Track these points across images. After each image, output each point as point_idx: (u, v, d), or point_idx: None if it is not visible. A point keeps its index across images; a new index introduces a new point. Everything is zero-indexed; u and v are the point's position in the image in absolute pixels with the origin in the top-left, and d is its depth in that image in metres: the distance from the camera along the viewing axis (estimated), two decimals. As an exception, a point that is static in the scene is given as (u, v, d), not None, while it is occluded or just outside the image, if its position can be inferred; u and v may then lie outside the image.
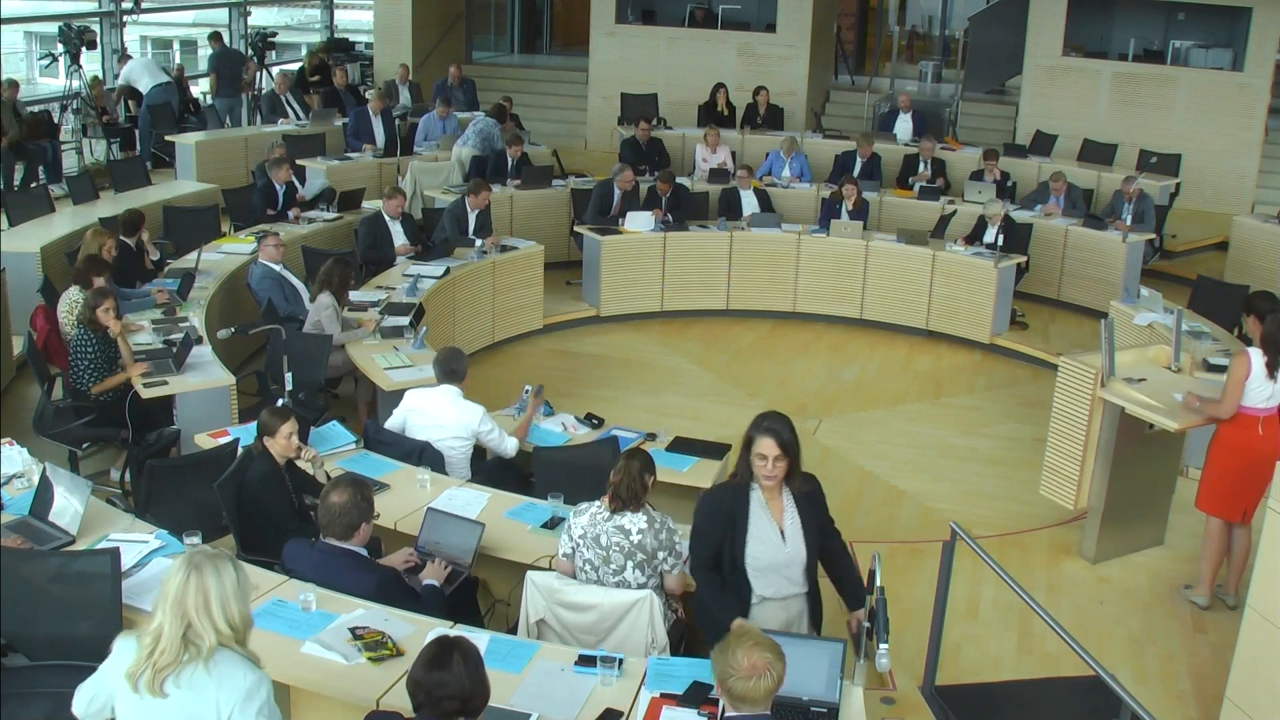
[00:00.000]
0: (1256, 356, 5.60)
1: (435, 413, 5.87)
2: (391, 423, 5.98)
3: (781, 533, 4.02)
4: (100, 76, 13.42)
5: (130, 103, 13.49)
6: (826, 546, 4.17)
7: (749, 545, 4.01)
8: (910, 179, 11.86)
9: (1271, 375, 5.57)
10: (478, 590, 4.94)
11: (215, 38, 14.47)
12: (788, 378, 9.13)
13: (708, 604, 4.14)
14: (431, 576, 4.55)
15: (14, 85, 11.77)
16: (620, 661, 3.92)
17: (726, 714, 3.23)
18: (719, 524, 4.04)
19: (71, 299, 7.11)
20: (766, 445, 3.91)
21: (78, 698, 3.09)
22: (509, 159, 11.20)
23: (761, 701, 3.14)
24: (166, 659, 2.86)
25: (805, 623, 4.16)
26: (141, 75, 13.52)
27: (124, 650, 2.98)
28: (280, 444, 5.07)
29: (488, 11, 19.05)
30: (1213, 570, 5.88)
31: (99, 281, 6.90)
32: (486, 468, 5.95)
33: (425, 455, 5.71)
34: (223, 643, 2.91)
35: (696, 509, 4.16)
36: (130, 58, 14.15)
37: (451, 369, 5.97)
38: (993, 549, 5.46)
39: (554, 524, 5.05)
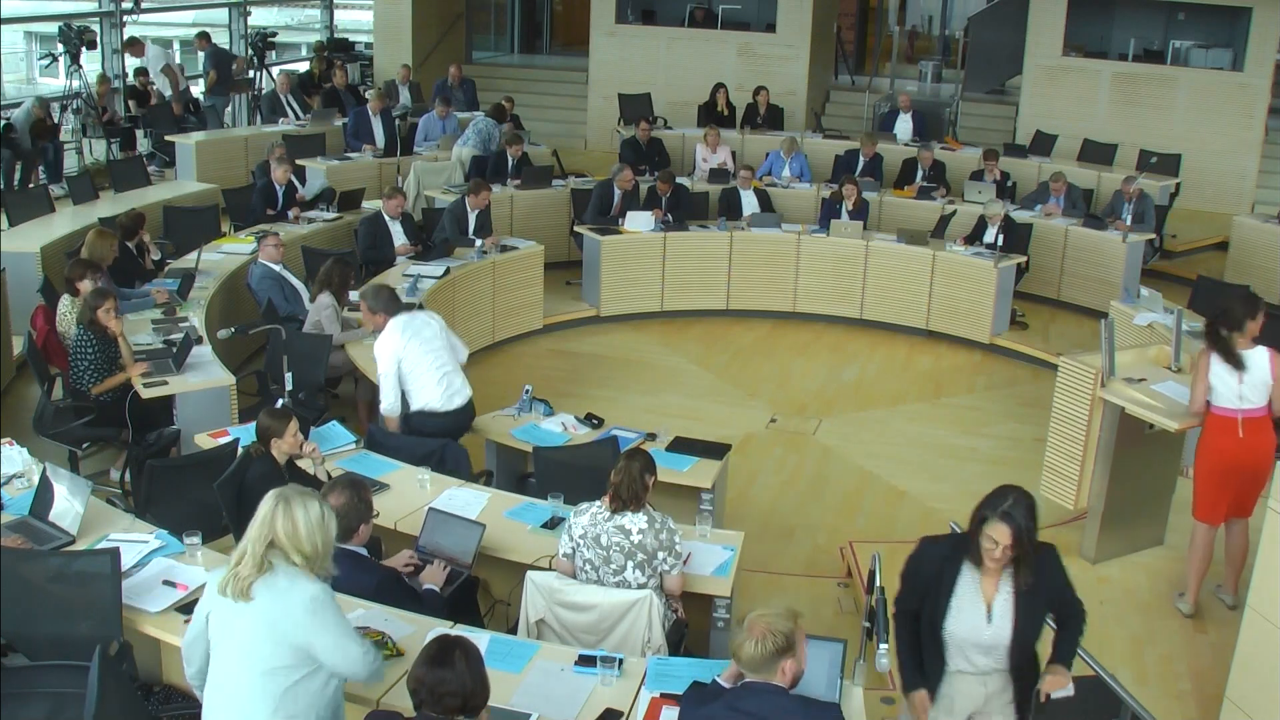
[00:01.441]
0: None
1: (431, 333, 6.15)
2: (386, 368, 6.06)
3: (988, 611, 3.64)
4: (103, 74, 13.39)
5: (131, 102, 13.49)
6: (1062, 604, 3.77)
7: (949, 616, 3.65)
8: (906, 188, 11.80)
9: (1233, 366, 5.48)
10: (478, 590, 4.94)
11: (204, 37, 14.38)
12: (788, 378, 9.13)
13: (900, 657, 3.85)
14: (430, 580, 4.54)
15: (43, 103, 11.75)
16: (620, 661, 3.92)
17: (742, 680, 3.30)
18: (923, 580, 3.72)
19: (62, 310, 7.09)
20: (1000, 532, 3.53)
21: (186, 656, 3.43)
22: (509, 159, 11.20)
23: (747, 664, 3.20)
24: (247, 570, 3.23)
25: (1008, 698, 3.77)
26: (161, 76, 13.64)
27: (212, 581, 3.36)
28: (288, 443, 5.08)
29: (488, 11, 19.05)
30: (1198, 578, 5.81)
31: (84, 286, 6.85)
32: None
33: (447, 452, 5.72)
34: (297, 565, 3.27)
35: (909, 556, 3.82)
36: (145, 43, 14.03)
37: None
38: (993, 549, 5.45)
39: (554, 524, 5.05)
